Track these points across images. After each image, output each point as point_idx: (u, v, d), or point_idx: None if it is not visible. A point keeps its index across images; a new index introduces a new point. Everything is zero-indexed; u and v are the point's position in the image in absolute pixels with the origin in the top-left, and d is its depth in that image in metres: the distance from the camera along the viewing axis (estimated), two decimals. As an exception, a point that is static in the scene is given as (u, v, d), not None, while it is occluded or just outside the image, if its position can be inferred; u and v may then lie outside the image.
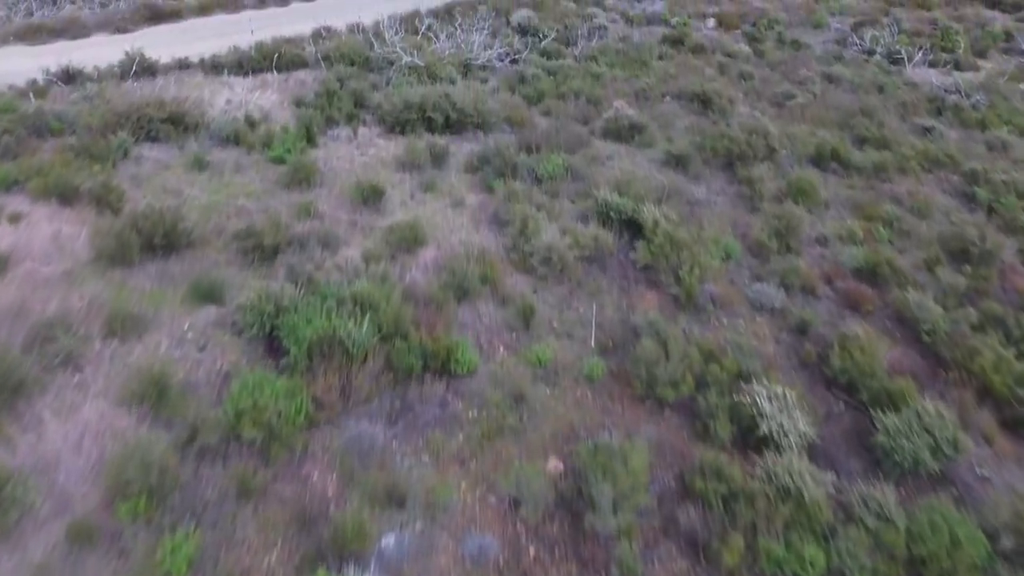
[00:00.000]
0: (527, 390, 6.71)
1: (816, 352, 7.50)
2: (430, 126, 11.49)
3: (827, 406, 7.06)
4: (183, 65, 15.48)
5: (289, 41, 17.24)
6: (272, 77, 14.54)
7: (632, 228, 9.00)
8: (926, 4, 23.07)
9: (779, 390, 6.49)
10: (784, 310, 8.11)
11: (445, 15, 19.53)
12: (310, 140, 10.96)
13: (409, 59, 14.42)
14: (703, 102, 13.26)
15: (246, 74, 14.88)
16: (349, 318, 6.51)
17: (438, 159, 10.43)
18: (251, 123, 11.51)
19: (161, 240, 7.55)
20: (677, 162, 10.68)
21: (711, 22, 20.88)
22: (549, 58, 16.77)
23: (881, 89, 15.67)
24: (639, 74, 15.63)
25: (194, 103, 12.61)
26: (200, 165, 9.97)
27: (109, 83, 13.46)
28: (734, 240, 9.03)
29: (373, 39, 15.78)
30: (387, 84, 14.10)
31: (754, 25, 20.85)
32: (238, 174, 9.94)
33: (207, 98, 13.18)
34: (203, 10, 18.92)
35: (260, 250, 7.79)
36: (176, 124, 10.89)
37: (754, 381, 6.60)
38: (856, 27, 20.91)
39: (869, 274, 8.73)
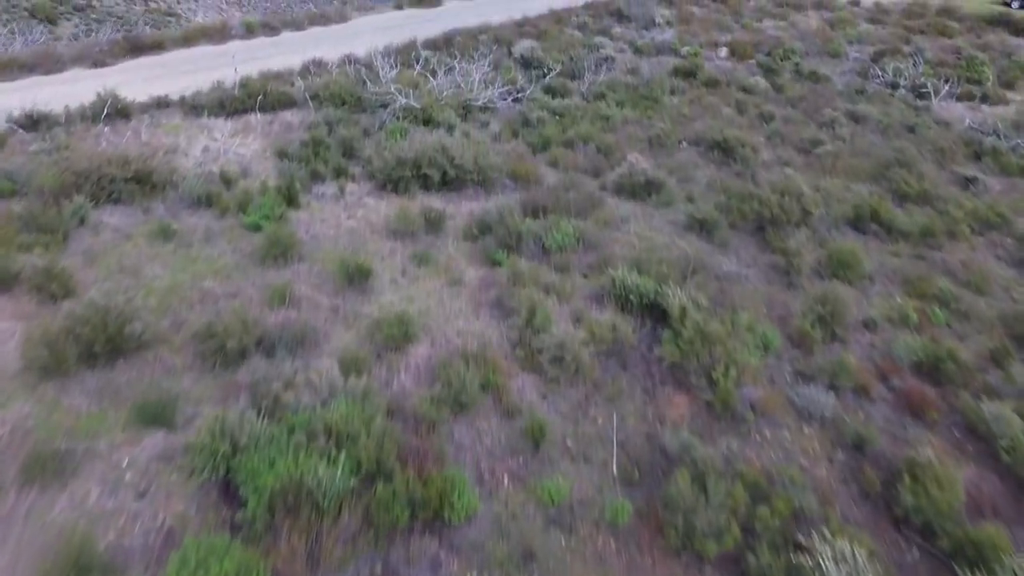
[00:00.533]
0: (537, 542, 5.53)
1: (880, 480, 6.32)
2: (425, 183, 10.37)
3: (898, 553, 5.88)
4: (162, 104, 14.42)
5: (277, 76, 16.22)
6: (256, 119, 13.46)
7: (655, 313, 7.86)
8: (947, 31, 22.05)
9: (846, 547, 5.31)
10: (836, 419, 6.94)
11: (444, 45, 18.50)
12: (292, 201, 9.84)
13: (404, 100, 13.34)
14: (724, 150, 12.15)
15: (228, 115, 13.81)
16: (321, 457, 5.35)
17: (434, 225, 9.30)
18: (227, 180, 10.38)
19: (105, 346, 6.40)
20: (701, 227, 9.54)
21: (723, 52, 19.85)
22: (554, 95, 15.71)
23: (912, 130, 14.57)
24: (651, 114, 14.54)
25: (167, 153, 11.53)
26: (166, 234, 8.84)
27: (78, 128, 12.39)
28: (772, 328, 7.87)
29: (366, 77, 14.72)
30: (380, 128, 13.02)
31: (769, 55, 19.80)
32: (208, 245, 8.80)
33: (183, 145, 12.09)
34: (187, 41, 17.88)
35: (223, 354, 6.63)
36: (142, 183, 9.76)
37: (814, 535, 5.42)
38: (876, 57, 19.87)
39: (930, 369, 7.57)
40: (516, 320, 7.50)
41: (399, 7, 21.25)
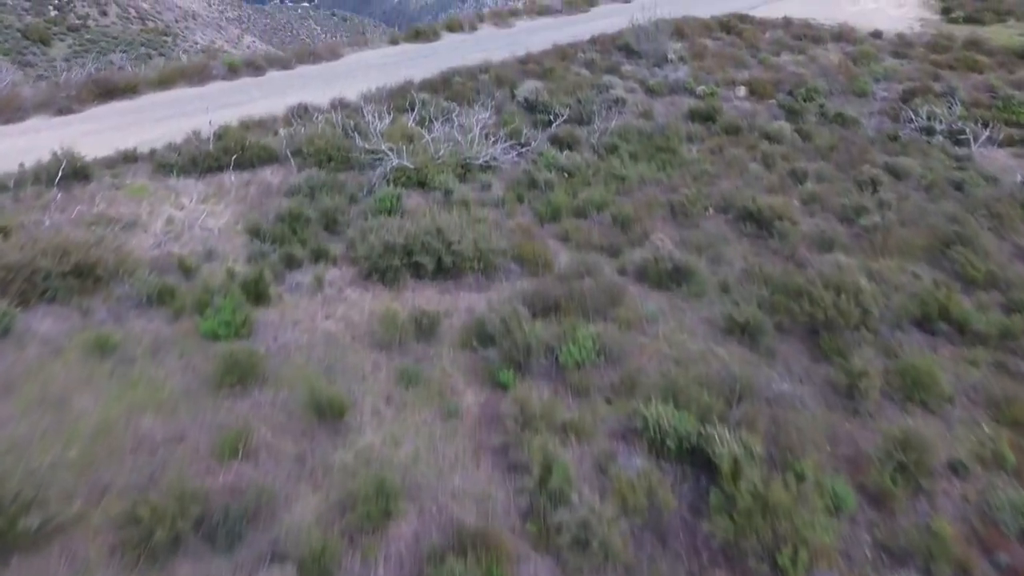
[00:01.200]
0: None
1: None
2: (418, 271, 8.92)
3: None
4: (129, 158, 13.06)
5: (259, 124, 14.85)
6: (231, 180, 12.05)
7: (697, 458, 6.38)
8: (977, 66, 20.74)
9: None
10: (937, 622, 5.45)
11: (441, 87, 17.13)
12: (260, 297, 8.38)
13: (397, 160, 11.92)
14: (757, 221, 10.71)
15: (202, 173, 12.43)
16: None
17: (426, 332, 7.82)
18: (187, 268, 8.93)
19: (-8, 544, 4.90)
20: (743, 330, 8.07)
21: (741, 91, 18.48)
22: (563, 146, 14.30)
23: (959, 187, 13.15)
24: (670, 172, 13.12)
25: (124, 228, 10.09)
26: (104, 348, 7.35)
27: (27, 193, 10.99)
28: (842, 481, 6.37)
29: (355, 129, 13.31)
30: (369, 193, 11.60)
31: (791, 94, 18.43)
32: (154, 362, 7.31)
33: (143, 217, 10.66)
34: (163, 83, 16.51)
35: (148, 547, 5.13)
36: (84, 277, 8.31)
37: None
38: (906, 97, 18.50)
39: (1042, 538, 6.08)
40: (527, 480, 6.00)
41: (394, 42, 19.95)
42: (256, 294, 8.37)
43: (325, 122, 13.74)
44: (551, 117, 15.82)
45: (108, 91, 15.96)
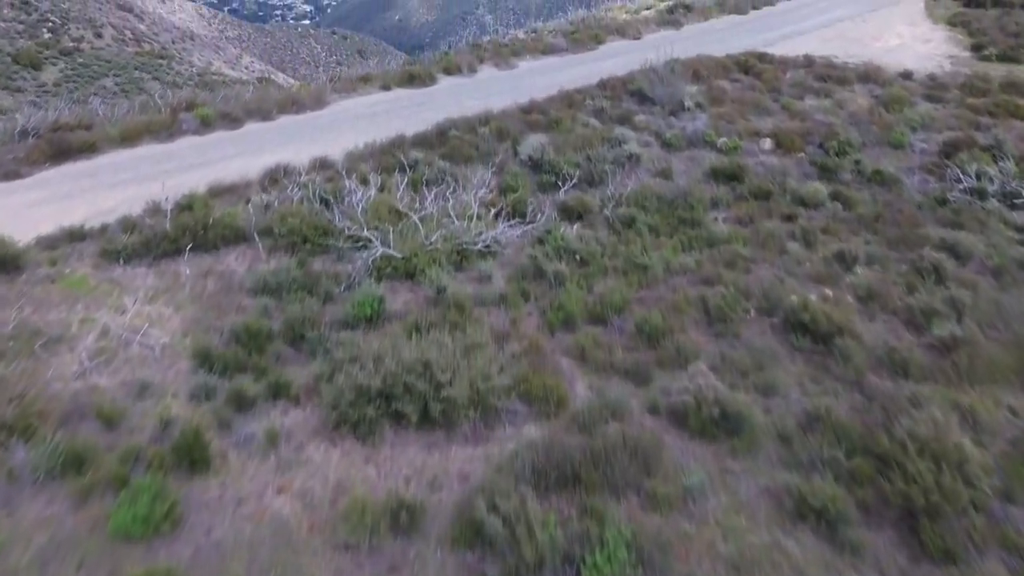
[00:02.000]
0: None
1: None
2: (399, 419, 7.11)
3: None
4: (75, 236, 11.42)
5: (229, 190, 13.16)
6: (186, 273, 10.29)
7: None
8: (1019, 112, 19.07)
9: None
10: None
11: (436, 142, 15.45)
12: (197, 462, 6.56)
13: (383, 249, 10.18)
14: (810, 331, 8.92)
15: (155, 259, 10.74)
16: None
17: (406, 527, 5.99)
18: (108, 418, 7.11)
19: None
20: (818, 516, 6.24)
21: (767, 143, 16.77)
22: (572, 217, 12.60)
23: (1031, 271, 11.38)
24: (697, 252, 11.37)
25: (45, 345, 8.31)
26: (-22, 556, 5.55)
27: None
28: None
29: (336, 203, 11.57)
30: (348, 288, 9.84)
31: (821, 147, 16.73)
32: (41, 579, 5.49)
33: (74, 327, 8.89)
34: (126, 140, 14.79)
35: None
36: (-29, 440, 6.52)
37: None
38: (948, 151, 16.78)
39: None
40: None
41: (386, 87, 18.29)
42: (192, 458, 6.56)
43: (302, 194, 11.98)
44: (559, 179, 14.15)
45: (62, 151, 14.25)
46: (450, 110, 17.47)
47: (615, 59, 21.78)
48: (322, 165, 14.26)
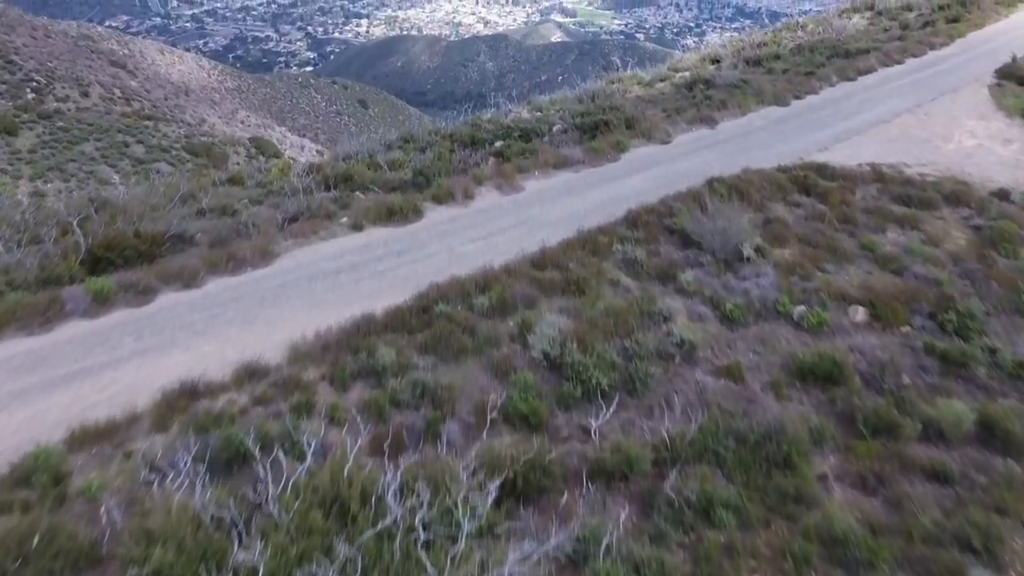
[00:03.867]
0: None
1: None
2: None
3: None
4: None
5: (104, 434, 9.11)
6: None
7: None
8: None
9: None
10: None
11: (415, 324, 11.27)
12: None
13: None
14: None
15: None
16: None
17: None
18: None
19: None
20: None
21: (859, 314, 12.57)
22: (613, 482, 8.34)
23: None
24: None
25: None
26: None
27: None
28: None
29: (239, 529, 7.25)
30: None
31: (932, 318, 12.55)
32: None
33: None
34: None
35: None
36: None
37: None
38: (1101, 322, 12.61)
39: None
40: None
41: (357, 227, 14.23)
42: None
43: (189, 479, 7.64)
44: (587, 391, 9.98)
45: None
46: (438, 261, 13.37)
47: (643, 174, 17.80)
48: (251, 374, 10.06)
